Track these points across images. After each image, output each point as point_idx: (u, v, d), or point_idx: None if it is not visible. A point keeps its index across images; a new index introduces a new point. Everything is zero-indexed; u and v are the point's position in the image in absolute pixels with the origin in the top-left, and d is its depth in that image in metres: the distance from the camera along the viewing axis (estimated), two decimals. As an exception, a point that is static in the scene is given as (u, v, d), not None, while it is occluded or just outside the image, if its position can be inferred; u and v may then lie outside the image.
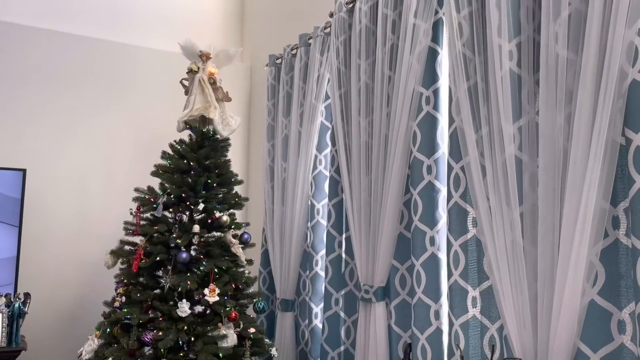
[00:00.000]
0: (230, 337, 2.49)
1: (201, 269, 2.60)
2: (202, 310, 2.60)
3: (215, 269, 2.60)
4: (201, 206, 2.68)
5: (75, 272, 3.44)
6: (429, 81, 2.22)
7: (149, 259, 2.55)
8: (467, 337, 1.92)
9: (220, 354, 2.42)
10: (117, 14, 3.84)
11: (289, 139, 3.27)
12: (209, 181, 2.74)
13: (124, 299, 2.56)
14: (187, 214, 2.73)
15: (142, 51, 3.79)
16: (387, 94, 2.38)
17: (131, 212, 2.67)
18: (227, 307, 2.53)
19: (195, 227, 2.61)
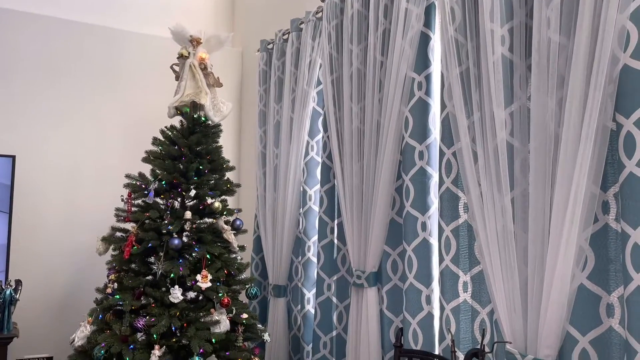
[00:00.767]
0: (223, 322, 2.49)
1: (193, 255, 2.59)
2: (195, 296, 2.61)
3: (207, 255, 2.60)
4: (193, 192, 2.67)
5: (66, 259, 3.43)
6: (421, 66, 2.21)
7: (141, 246, 2.54)
8: (458, 321, 1.93)
9: (213, 340, 2.43)
10: (106, -2, 3.78)
11: (280, 125, 3.25)
12: (201, 167, 2.73)
13: (116, 285, 2.56)
14: (179, 200, 2.72)
15: (133, 36, 3.75)
16: (379, 79, 2.37)
17: (122, 199, 2.66)
18: (219, 293, 2.53)
19: (187, 213, 2.61)
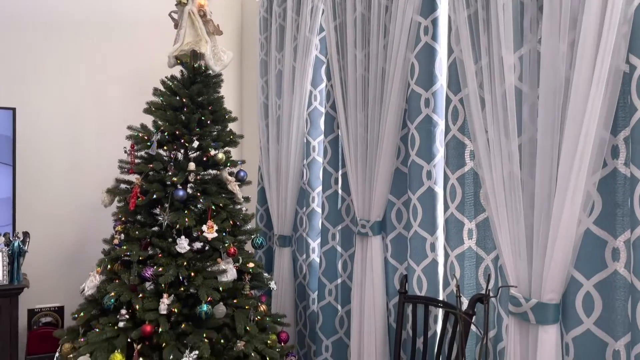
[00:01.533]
0: (229, 271, 2.53)
1: (198, 206, 2.60)
2: (201, 246, 2.63)
3: (212, 206, 2.61)
4: (196, 144, 2.65)
5: (72, 211, 3.45)
6: (428, 10, 2.14)
7: (146, 197, 2.55)
8: (462, 267, 1.95)
9: (220, 288, 2.47)
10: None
11: (282, 75, 3.20)
12: (203, 118, 2.70)
13: (122, 236, 2.58)
14: (182, 151, 2.71)
15: (128, -17, 3.63)
16: (384, 24, 2.30)
17: (125, 151, 2.64)
18: (225, 243, 2.56)
19: (190, 164, 2.60)
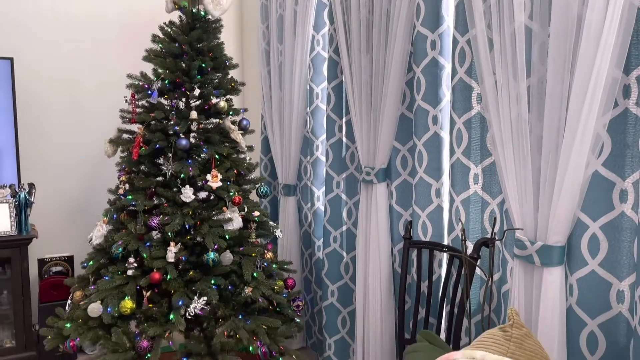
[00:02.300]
0: (235, 220, 2.54)
1: (202, 155, 2.59)
2: (206, 196, 2.64)
3: (216, 155, 2.60)
4: (197, 92, 2.61)
5: (76, 161, 3.45)
6: (435, -53, 2.05)
7: (149, 147, 2.53)
8: (467, 212, 1.95)
9: (226, 236, 2.49)
10: None
11: (284, 19, 3.11)
12: (203, 65, 2.64)
13: (127, 186, 2.58)
14: (183, 100, 2.67)
15: None
16: (388, -37, 2.21)
17: (126, 100, 2.61)
18: (230, 191, 2.56)
19: (192, 113, 2.56)
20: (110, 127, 3.49)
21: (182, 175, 2.49)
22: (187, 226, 2.47)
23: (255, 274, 2.52)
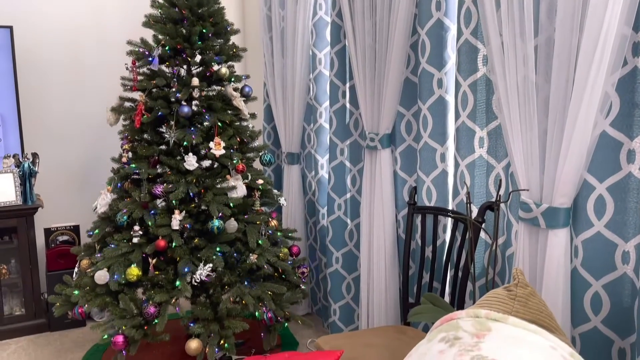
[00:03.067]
0: (239, 188, 2.54)
1: (204, 123, 2.57)
2: (210, 164, 2.63)
3: (218, 122, 2.58)
4: (198, 58, 2.57)
5: (78, 130, 3.44)
6: None
7: (151, 114, 2.52)
8: (472, 176, 1.94)
9: (230, 204, 2.49)
10: None
11: (286, -17, 3.04)
12: (204, 31, 2.60)
13: (130, 154, 2.57)
14: (185, 67, 2.64)
15: None
16: None
17: (127, 67, 2.58)
18: (233, 159, 2.55)
19: (194, 80, 2.54)
20: (111, 94, 3.46)
21: (185, 143, 2.48)
22: (191, 194, 2.47)
23: (260, 242, 2.53)
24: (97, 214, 2.60)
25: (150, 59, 2.54)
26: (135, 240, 2.41)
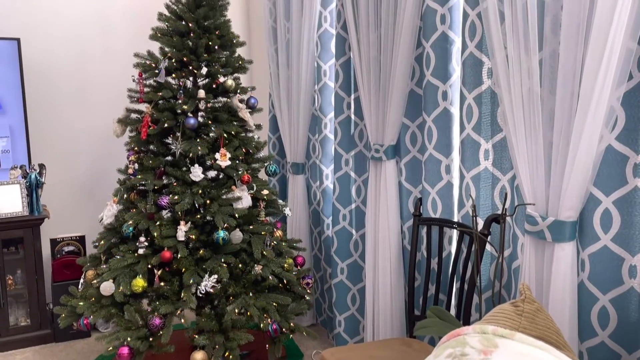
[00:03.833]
0: (244, 198, 2.55)
1: (210, 134, 2.59)
2: (215, 175, 2.64)
3: (224, 134, 2.59)
4: (204, 70, 2.59)
5: (85, 141, 3.47)
6: None
7: (157, 126, 2.53)
8: (478, 188, 1.94)
9: (236, 215, 2.50)
10: None
11: (291, -4, 3.07)
12: (210, 43, 2.62)
13: (136, 166, 2.59)
14: (191, 79, 2.66)
15: None
16: None
17: (133, 79, 2.60)
18: (239, 170, 2.56)
19: (200, 92, 2.55)
20: (117, 106, 3.48)
21: (190, 154, 2.49)
22: (196, 205, 2.48)
23: (265, 252, 2.53)
24: (103, 225, 2.61)
25: (156, 71, 2.56)
26: (140, 251, 2.41)
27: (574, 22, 1.44)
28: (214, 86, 2.67)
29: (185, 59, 2.59)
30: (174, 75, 2.61)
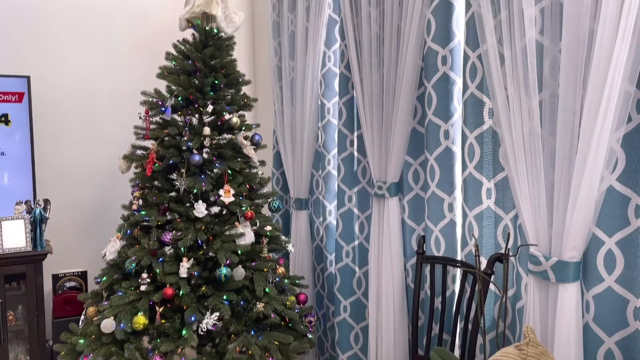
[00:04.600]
0: (247, 234, 2.55)
1: (214, 171, 2.61)
2: (219, 211, 2.65)
3: (228, 170, 2.61)
4: (210, 108, 2.64)
5: (90, 177, 3.49)
6: (445, -37, 2.07)
7: (162, 162, 2.56)
8: (481, 227, 1.94)
9: (239, 251, 2.49)
10: None
11: (295, 36, 3.14)
12: (216, 82, 2.67)
13: (141, 202, 2.60)
14: (197, 116, 2.70)
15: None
16: (399, -20, 2.23)
17: (140, 116, 2.64)
18: (242, 206, 2.57)
19: (205, 129, 2.59)
20: (124, 143, 3.53)
21: (195, 190, 2.51)
22: (199, 241, 2.48)
23: (267, 289, 2.51)
24: (105, 261, 2.61)
25: (163, 109, 2.60)
26: (142, 288, 2.40)
27: (572, 66, 1.47)
28: (219, 123, 2.71)
29: (191, 97, 2.64)
30: (180, 112, 2.66)
